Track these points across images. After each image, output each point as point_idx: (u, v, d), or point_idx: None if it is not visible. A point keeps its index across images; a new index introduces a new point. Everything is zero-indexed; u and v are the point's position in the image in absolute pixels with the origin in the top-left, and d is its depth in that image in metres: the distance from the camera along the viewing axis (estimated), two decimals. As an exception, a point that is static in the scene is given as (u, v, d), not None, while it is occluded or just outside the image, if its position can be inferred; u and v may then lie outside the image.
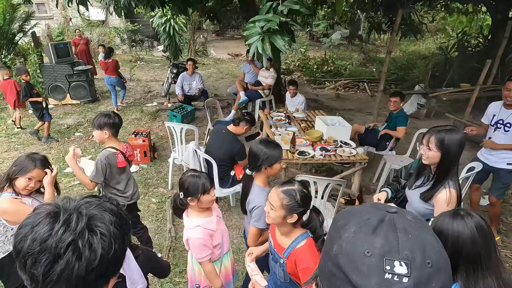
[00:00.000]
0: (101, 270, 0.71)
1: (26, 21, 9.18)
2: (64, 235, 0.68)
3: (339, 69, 11.97)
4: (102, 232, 0.71)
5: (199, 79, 6.75)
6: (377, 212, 0.61)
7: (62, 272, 0.67)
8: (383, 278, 0.53)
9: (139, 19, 14.61)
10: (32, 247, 0.67)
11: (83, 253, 0.68)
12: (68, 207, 0.72)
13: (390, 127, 4.55)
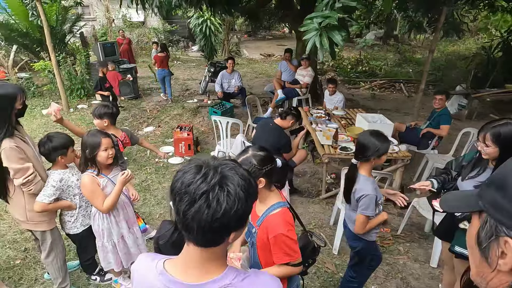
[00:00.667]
0: (224, 222, 0.83)
1: (75, 22, 9.80)
2: (201, 184, 0.81)
3: (374, 69, 11.82)
4: (229, 191, 0.83)
5: (238, 77, 6.96)
6: None
7: (195, 213, 0.81)
8: None
9: (176, 20, 15.12)
10: (180, 188, 0.83)
11: (211, 203, 0.81)
12: (210, 164, 0.86)
13: (433, 125, 4.51)
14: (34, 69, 8.49)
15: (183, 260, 0.95)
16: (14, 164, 2.09)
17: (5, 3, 8.47)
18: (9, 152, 2.08)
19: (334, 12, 2.29)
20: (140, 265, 1.05)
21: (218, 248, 0.91)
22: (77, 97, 8.17)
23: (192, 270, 0.92)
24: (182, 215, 0.83)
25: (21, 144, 2.17)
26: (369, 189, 2.04)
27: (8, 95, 2.08)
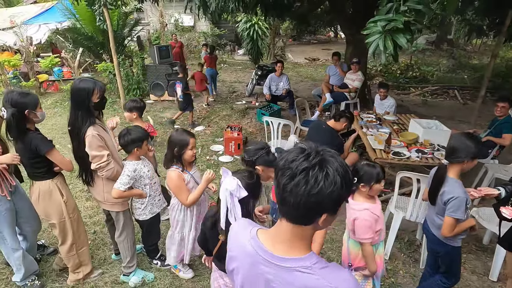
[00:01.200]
0: (318, 199, 0.89)
1: (134, 27, 10.48)
2: (303, 162, 0.89)
3: (425, 75, 11.35)
4: (327, 173, 0.88)
5: (286, 80, 7.05)
6: None
7: (294, 187, 0.89)
8: None
9: (224, 25, 15.57)
10: (283, 164, 0.93)
11: (309, 180, 0.87)
12: (312, 147, 0.94)
13: (494, 134, 4.29)
14: (96, 69, 9.20)
15: (273, 233, 1.04)
16: (93, 150, 2.34)
17: (74, 9, 9.30)
18: (91, 139, 2.32)
19: (400, 15, 2.30)
20: (237, 226, 1.19)
21: (307, 228, 0.97)
22: (133, 96, 8.72)
23: (279, 244, 1.00)
24: (282, 188, 0.92)
25: (102, 132, 2.42)
26: (459, 192, 2.03)
27: (85, 88, 2.35)
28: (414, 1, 2.35)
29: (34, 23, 10.40)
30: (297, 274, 0.96)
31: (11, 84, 8.63)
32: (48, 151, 2.36)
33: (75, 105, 2.37)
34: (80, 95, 2.34)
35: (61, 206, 2.53)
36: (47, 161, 2.41)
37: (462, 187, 2.08)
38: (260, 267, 1.01)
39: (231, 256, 1.15)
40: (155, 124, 6.77)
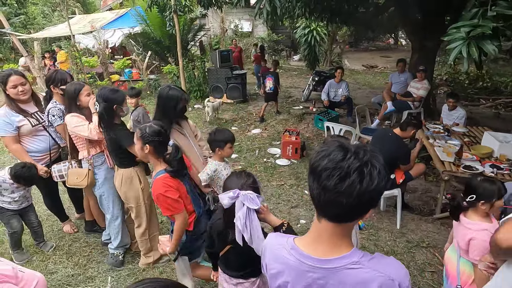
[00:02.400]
0: (373, 196, 0.90)
1: (197, 32, 11.05)
2: (354, 161, 0.88)
3: (498, 86, 10.46)
4: (379, 169, 0.90)
5: (345, 86, 6.96)
6: None
7: (348, 187, 0.87)
8: None
9: (281, 30, 15.75)
10: (327, 165, 0.90)
11: (364, 178, 0.87)
12: (353, 145, 0.94)
13: None
14: (162, 71, 9.83)
15: (312, 237, 1.03)
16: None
17: (146, 16, 10.06)
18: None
19: (488, 21, 2.19)
20: (271, 242, 1.15)
21: (349, 225, 0.98)
22: (194, 98, 9.18)
23: (321, 246, 0.99)
24: (330, 189, 0.89)
25: (179, 136, 2.68)
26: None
27: (174, 96, 2.61)
28: (503, 5, 2.23)
29: (110, 28, 11.40)
30: (348, 272, 0.96)
31: (89, 83, 9.54)
32: (130, 145, 2.58)
33: (161, 108, 2.63)
34: (169, 101, 2.61)
35: (139, 192, 2.78)
36: (129, 152, 2.65)
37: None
38: (309, 275, 1.00)
39: (273, 274, 1.11)
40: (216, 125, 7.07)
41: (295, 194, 4.38)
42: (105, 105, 2.57)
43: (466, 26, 2.31)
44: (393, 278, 0.95)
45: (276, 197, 4.31)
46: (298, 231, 3.68)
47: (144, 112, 4.61)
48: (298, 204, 4.16)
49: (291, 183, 4.65)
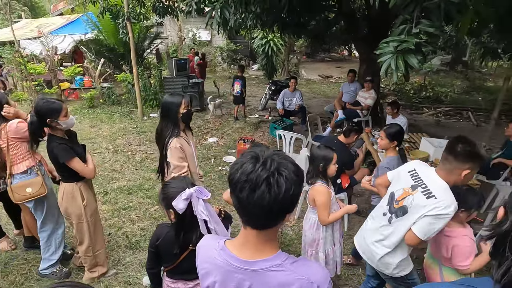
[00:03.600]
0: (284, 203, 0.93)
1: (153, 40, 10.88)
2: (262, 172, 0.91)
3: (439, 95, 11.36)
4: (286, 176, 0.92)
5: (299, 96, 7.19)
6: None
7: (258, 199, 0.91)
8: None
9: (240, 40, 15.96)
10: (240, 178, 0.94)
11: (272, 188, 0.90)
12: (264, 154, 0.97)
13: (506, 155, 4.30)
14: (116, 80, 9.54)
15: (241, 241, 1.07)
16: (175, 161, 2.49)
17: (99, 22, 9.74)
18: (174, 150, 2.48)
19: (412, 37, 2.41)
20: (204, 243, 1.19)
21: (272, 230, 1.02)
22: (149, 106, 8.99)
23: (248, 250, 1.04)
24: (244, 201, 0.93)
25: (184, 144, 2.59)
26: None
27: (175, 101, 2.52)
28: (426, 24, 2.46)
29: (60, 33, 10.90)
30: (270, 274, 1.00)
31: (36, 91, 9.01)
32: (67, 161, 2.47)
33: (165, 116, 2.56)
34: (170, 107, 2.51)
35: (80, 209, 2.66)
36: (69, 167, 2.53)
37: None
38: (235, 275, 1.04)
39: (203, 273, 1.14)
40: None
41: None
42: (33, 119, 2.43)
43: (395, 41, 2.52)
44: (313, 281, 1.00)
45: (230, 205, 4.32)
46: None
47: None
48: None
49: (245, 191, 4.69)
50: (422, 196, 1.96)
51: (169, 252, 1.79)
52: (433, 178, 1.99)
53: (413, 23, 2.53)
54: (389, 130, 2.94)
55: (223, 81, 13.83)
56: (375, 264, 2.23)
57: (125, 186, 4.76)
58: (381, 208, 2.25)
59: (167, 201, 1.68)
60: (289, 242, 3.66)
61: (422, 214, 1.91)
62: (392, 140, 2.92)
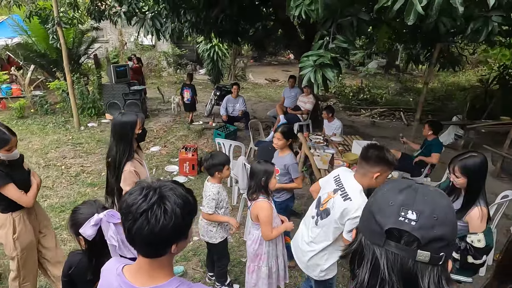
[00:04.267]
0: (163, 235, 0.96)
1: (90, 45, 10.33)
2: (141, 204, 0.95)
3: (375, 97, 12.17)
4: (166, 209, 0.96)
5: (242, 102, 7.29)
6: (408, 182, 0.85)
7: (137, 230, 0.95)
8: (398, 219, 0.76)
9: (186, 45, 15.75)
10: (125, 208, 0.98)
11: (150, 220, 0.94)
12: (151, 185, 0.99)
13: (425, 153, 4.74)
14: (49, 87, 8.91)
15: (136, 267, 1.10)
16: (128, 186, 2.35)
17: (26, 26, 9.03)
18: (128, 175, 2.37)
19: (328, 52, 2.59)
20: (107, 267, 1.20)
21: (163, 258, 1.04)
22: (88, 115, 8.53)
23: (141, 276, 1.07)
24: (127, 231, 0.98)
25: (138, 167, 2.47)
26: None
27: (129, 122, 2.39)
28: (340, 40, 2.65)
29: (-20, 37, 9.92)
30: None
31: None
32: (0, 187, 2.28)
33: (118, 138, 2.40)
34: (124, 128, 2.38)
35: (11, 242, 2.46)
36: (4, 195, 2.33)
37: None
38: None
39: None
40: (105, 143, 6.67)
41: (190, 211, 4.40)
42: None
43: (314, 55, 2.68)
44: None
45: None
46: (190, 248, 3.71)
47: None
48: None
49: (187, 201, 4.65)
50: (341, 199, 2.12)
51: (83, 280, 1.73)
52: (351, 181, 2.16)
53: (330, 38, 2.71)
54: (283, 131, 3.17)
55: (169, 86, 13.54)
56: (304, 265, 2.36)
57: (57, 204, 4.48)
58: (311, 211, 2.40)
59: (75, 228, 1.62)
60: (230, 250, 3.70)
61: (346, 218, 2.06)
62: (287, 139, 3.17)
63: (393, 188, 0.83)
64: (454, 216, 0.80)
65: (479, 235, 2.08)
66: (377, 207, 0.81)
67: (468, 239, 2.12)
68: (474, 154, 2.17)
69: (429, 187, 0.83)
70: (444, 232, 0.75)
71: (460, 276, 2.27)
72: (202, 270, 3.37)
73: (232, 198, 4.58)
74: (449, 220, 0.77)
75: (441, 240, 0.74)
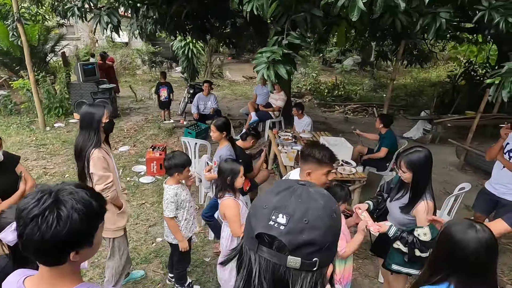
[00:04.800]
0: (56, 242, 0.90)
1: (57, 42, 9.97)
2: (32, 209, 0.89)
3: (350, 93, 12.33)
4: (60, 214, 0.90)
5: (213, 99, 7.22)
6: (291, 182, 0.78)
7: (28, 236, 0.90)
8: (267, 223, 0.70)
9: (160, 42, 15.47)
10: (17, 213, 0.93)
11: (40, 226, 0.88)
12: (47, 189, 0.94)
13: (380, 147, 4.87)
14: (12, 87, 8.55)
15: (38, 277, 1.04)
16: (99, 171, 2.35)
17: (-13, 23, 8.62)
18: (97, 160, 2.34)
19: (280, 48, 2.56)
20: (9, 279, 1.12)
21: (64, 266, 0.98)
22: (55, 115, 8.24)
23: (42, 287, 1.01)
24: (19, 237, 0.94)
25: (106, 156, 2.43)
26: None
27: (96, 111, 2.38)
28: (293, 36, 2.64)
29: None
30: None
31: None
32: None
33: (85, 126, 2.40)
34: (91, 117, 2.37)
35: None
36: None
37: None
38: None
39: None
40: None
41: (155, 212, 4.32)
42: None
43: (268, 52, 2.65)
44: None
45: (134, 218, 4.17)
46: (153, 249, 3.63)
47: None
48: (156, 222, 4.10)
49: (153, 201, 4.57)
50: None
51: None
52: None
53: (284, 34, 2.69)
54: (217, 123, 3.22)
55: (143, 84, 13.28)
56: None
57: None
58: None
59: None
60: (193, 250, 3.65)
61: None
62: (222, 131, 3.23)
63: (272, 190, 0.78)
64: (330, 218, 0.73)
65: (425, 228, 2.12)
66: (254, 210, 0.77)
67: (415, 232, 2.15)
68: (419, 149, 2.20)
69: (310, 188, 0.77)
70: (314, 236, 0.69)
71: (410, 269, 2.30)
72: (163, 272, 3.30)
73: (199, 197, 4.53)
74: (321, 223, 0.71)
75: (311, 245, 0.69)
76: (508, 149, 3.16)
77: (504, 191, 3.19)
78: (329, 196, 0.78)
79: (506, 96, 2.37)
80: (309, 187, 0.77)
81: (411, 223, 2.28)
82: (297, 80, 13.99)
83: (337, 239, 0.76)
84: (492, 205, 3.36)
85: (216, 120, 3.31)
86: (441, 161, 6.56)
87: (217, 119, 3.36)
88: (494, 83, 2.45)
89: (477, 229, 1.39)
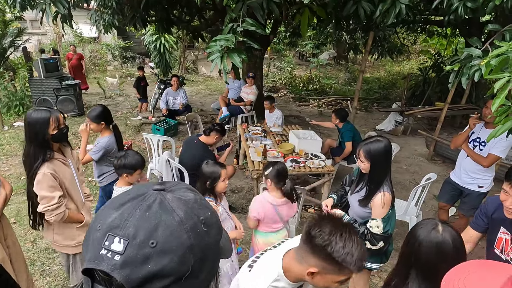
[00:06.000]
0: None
1: (17, 37, 9.40)
2: None
3: (325, 87, 12.34)
4: None
5: (183, 94, 6.99)
6: (145, 188, 0.57)
7: None
8: (98, 253, 0.50)
9: (131, 37, 14.96)
10: None
11: None
12: None
13: (342, 142, 4.84)
14: (-33, 84, 7.99)
15: None
16: (43, 191, 2.09)
17: None
18: (42, 178, 2.07)
19: (233, 36, 2.41)
20: None
21: None
22: (15, 114, 7.78)
23: None
24: None
25: (59, 168, 2.16)
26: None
27: (39, 120, 2.05)
28: (249, 23, 2.49)
29: None
30: None
31: None
32: None
33: (28, 138, 2.09)
34: (34, 128, 2.05)
35: None
36: None
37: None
38: None
39: None
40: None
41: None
42: None
43: (222, 40, 2.49)
44: None
45: (93, 220, 3.93)
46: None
47: None
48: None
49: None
50: None
51: None
52: None
53: (240, 21, 2.53)
54: (91, 114, 3.01)
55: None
56: None
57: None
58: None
59: None
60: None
61: None
62: (99, 122, 3.04)
63: (115, 201, 0.56)
64: (194, 234, 0.53)
65: (378, 221, 2.04)
66: (87, 233, 0.55)
67: (368, 224, 2.07)
68: (380, 138, 2.11)
69: (169, 194, 0.56)
70: (166, 263, 0.50)
71: (369, 263, 2.23)
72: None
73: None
74: (176, 244, 0.51)
75: (162, 277, 0.50)
76: (473, 138, 3.16)
77: (468, 180, 3.19)
78: (196, 201, 0.58)
79: (465, 83, 2.32)
80: (168, 192, 0.57)
81: (368, 216, 2.20)
82: (273, 74, 13.89)
83: (212, 259, 0.57)
84: (456, 195, 3.37)
85: (90, 110, 3.08)
86: (412, 152, 6.63)
87: (91, 109, 3.13)
88: (453, 70, 2.40)
89: (438, 230, 1.33)
